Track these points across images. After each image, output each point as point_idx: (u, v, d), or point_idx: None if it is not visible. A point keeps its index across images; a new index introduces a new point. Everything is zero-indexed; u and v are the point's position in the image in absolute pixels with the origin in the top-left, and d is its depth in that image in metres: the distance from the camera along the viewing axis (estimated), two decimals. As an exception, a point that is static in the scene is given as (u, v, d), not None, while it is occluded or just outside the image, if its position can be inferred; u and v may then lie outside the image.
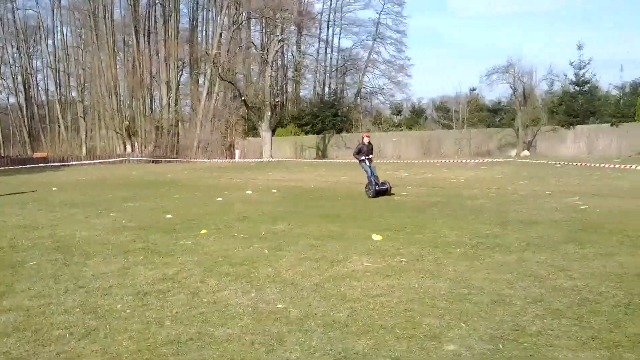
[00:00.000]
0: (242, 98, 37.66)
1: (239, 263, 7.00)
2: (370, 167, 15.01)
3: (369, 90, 55.88)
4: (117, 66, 51.51)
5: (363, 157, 15.22)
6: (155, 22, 52.38)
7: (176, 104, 48.86)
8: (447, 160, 30.08)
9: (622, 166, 17.99)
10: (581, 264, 6.54)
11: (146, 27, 51.91)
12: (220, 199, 14.76)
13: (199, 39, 53.54)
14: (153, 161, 40.98)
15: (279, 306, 5.22)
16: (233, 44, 41.92)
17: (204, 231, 9.40)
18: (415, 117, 43.80)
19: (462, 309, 5.01)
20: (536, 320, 4.66)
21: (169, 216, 11.38)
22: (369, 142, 15.63)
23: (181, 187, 19.55)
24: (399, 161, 28.92)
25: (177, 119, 49.15)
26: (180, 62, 51.62)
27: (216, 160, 38.16)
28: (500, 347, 4.11)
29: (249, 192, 16.87)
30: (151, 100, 52.25)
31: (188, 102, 52.37)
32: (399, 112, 45.95)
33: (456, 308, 5.03)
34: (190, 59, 51.72)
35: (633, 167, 16.18)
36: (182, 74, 53.20)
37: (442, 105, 43.85)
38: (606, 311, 4.84)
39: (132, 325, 4.79)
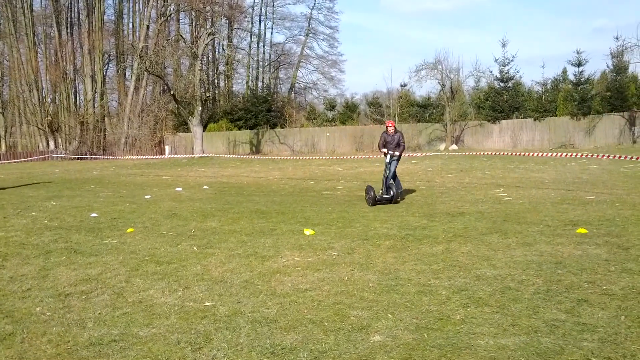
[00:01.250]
0: (171, 92, 36.76)
1: (167, 262, 6.83)
2: (390, 165, 12.13)
3: (302, 86, 56.01)
4: (39, 59, 49.00)
5: (385, 151, 12.24)
6: (79, 13, 50.27)
7: (102, 99, 47.07)
8: (379, 156, 30.58)
9: (546, 154, 18.87)
10: (504, 254, 6.79)
11: (69, 19, 49.73)
12: (148, 196, 14.35)
13: (125, 32, 51.85)
14: (78, 158, 39.34)
15: (207, 304, 5.13)
16: (161, 37, 40.79)
17: (130, 230, 9.11)
18: (348, 112, 44.14)
19: (389, 300, 5.09)
20: (460, 309, 4.79)
21: (94, 215, 10.95)
22: (396, 131, 12.39)
23: (107, 185, 18.87)
24: (332, 157, 29.12)
25: (103, 114, 47.37)
26: (106, 55, 49.79)
27: (145, 156, 37.12)
28: (425, 336, 4.20)
29: (179, 189, 16.50)
30: (75, 95, 50.10)
31: (115, 96, 50.65)
32: (332, 107, 46.22)
33: (384, 299, 5.11)
34: (116, 52, 49.98)
35: (554, 154, 17.03)
36: (108, 68, 51.39)
37: (374, 101, 44.43)
38: (526, 298, 5.04)
39: (51, 328, 4.57)
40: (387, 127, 12.39)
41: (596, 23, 73.58)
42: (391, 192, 11.82)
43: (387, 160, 12.09)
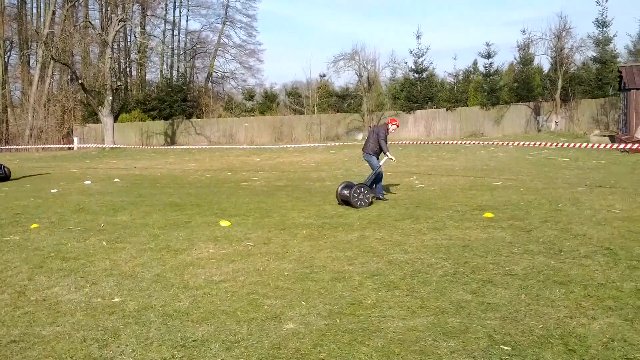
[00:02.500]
0: (80, 81, 35.00)
1: (73, 257, 6.51)
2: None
3: (220, 75, 55.01)
4: None
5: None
6: (-25, -4, 46.65)
7: (3, 88, 44.04)
8: (298, 145, 30.67)
9: (457, 142, 19.65)
10: (416, 239, 7.00)
11: (-36, 2, 46.05)
12: (55, 190, 13.62)
13: (29, 17, 48.72)
14: (-23, 151, 36.73)
15: (115, 299, 4.93)
16: (68, 24, 38.65)
17: (34, 225, 8.61)
18: (267, 103, 43.83)
19: (303, 287, 5.11)
20: (372, 294, 4.88)
21: (-7, 211, 10.26)
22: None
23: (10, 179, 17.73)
24: (250, 147, 28.87)
25: (5, 104, 44.31)
26: (8, 42, 46.57)
27: (52, 147, 35.19)
28: (337, 321, 4.24)
29: (88, 182, 15.77)
30: (-27, 84, 46.58)
31: (18, 85, 47.52)
32: (251, 97, 45.69)
33: (298, 287, 5.12)
34: (19, 39, 46.86)
35: (465, 143, 17.76)
36: (10, 55, 48.08)
37: (293, 91, 44.39)
38: (435, 281, 5.22)
39: (-59, 333, 4.24)
40: (392, 124, 10.86)
41: (508, 16, 77.27)
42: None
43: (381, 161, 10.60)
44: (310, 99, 40.92)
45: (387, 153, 10.43)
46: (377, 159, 10.65)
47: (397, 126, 11.19)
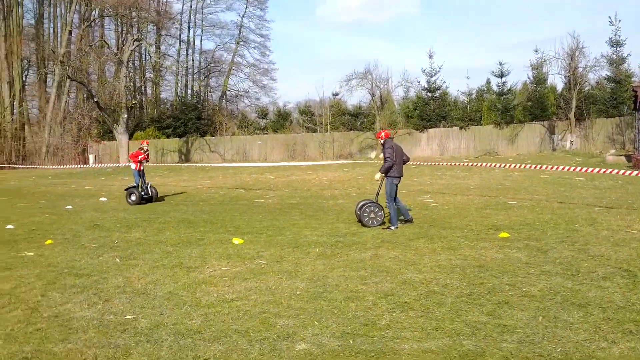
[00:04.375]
0: (95, 99, 35.43)
1: (87, 274, 6.51)
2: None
3: (234, 93, 55.38)
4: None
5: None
6: (-6, 16, 47.56)
7: (21, 106, 44.68)
8: (312, 163, 30.73)
9: (470, 164, 19.54)
10: (430, 258, 6.91)
11: (-17, 22, 46.97)
12: (69, 207, 13.70)
13: (46, 37, 49.54)
14: (-5, 168, 37.17)
15: (128, 317, 4.91)
16: (84, 43, 39.23)
17: (49, 241, 8.66)
18: (281, 121, 44.02)
19: (316, 307, 5.05)
20: (386, 314, 4.81)
21: (10, 226, 10.35)
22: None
23: (26, 195, 17.91)
24: (264, 165, 28.94)
25: (23, 121, 44.93)
26: (25, 61, 47.35)
27: (68, 166, 35.53)
28: (351, 342, 4.18)
29: (103, 199, 15.86)
30: (-8, 102, 47.30)
31: (35, 103, 48.14)
32: (264, 115, 45.93)
33: (311, 307, 5.06)
34: (36, 58, 47.60)
35: (480, 164, 17.65)
36: (27, 74, 48.83)
37: (306, 109, 44.57)
38: (450, 302, 5.13)
39: (-46, 348, 4.24)
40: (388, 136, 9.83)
41: (520, 36, 77.29)
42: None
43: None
44: (323, 117, 41.03)
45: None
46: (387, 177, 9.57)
47: (387, 137, 9.80)
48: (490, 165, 18.69)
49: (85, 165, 36.32)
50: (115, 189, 19.76)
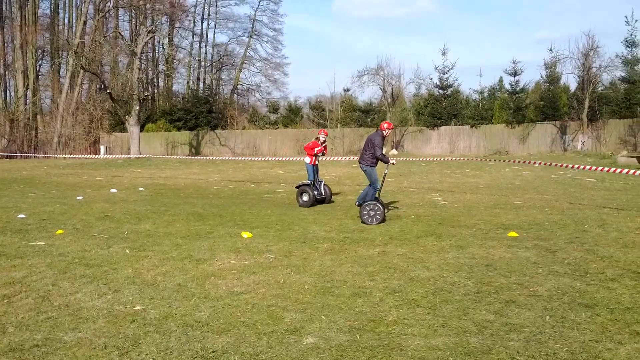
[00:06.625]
0: (108, 91, 35.62)
1: (97, 264, 6.58)
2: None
3: (245, 87, 55.48)
4: (-35, 52, 46.37)
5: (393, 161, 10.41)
6: (10, 5, 47.88)
7: (34, 96, 45.01)
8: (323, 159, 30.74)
9: (481, 160, 19.50)
10: (438, 256, 6.93)
11: (0, 11, 47.34)
12: (80, 197, 13.82)
13: (61, 27, 49.86)
14: (7, 157, 37.46)
15: (137, 307, 4.97)
16: (98, 34, 39.44)
17: (60, 231, 8.74)
18: (291, 116, 44.07)
19: (324, 302, 5.09)
20: (393, 310, 4.84)
21: (21, 216, 10.44)
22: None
23: (37, 185, 18.08)
24: (274, 159, 28.99)
25: (35, 111, 45.29)
26: (40, 51, 47.69)
27: (79, 156, 35.80)
28: (358, 337, 4.21)
29: (113, 190, 15.98)
30: (5, 91, 47.72)
31: (48, 93, 48.49)
32: (275, 110, 45.98)
33: (318, 301, 5.10)
34: (50, 48, 47.93)
35: (489, 161, 17.60)
36: (41, 64, 49.16)
37: (317, 105, 44.59)
38: (457, 299, 5.15)
39: (-32, 334, 4.31)
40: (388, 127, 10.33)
41: (537, 35, 76.78)
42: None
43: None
44: (334, 112, 41.01)
45: (388, 161, 10.17)
46: (375, 169, 10.25)
47: (391, 128, 10.58)
48: (504, 161, 18.62)
49: (96, 156, 36.55)
50: (126, 181, 19.91)
